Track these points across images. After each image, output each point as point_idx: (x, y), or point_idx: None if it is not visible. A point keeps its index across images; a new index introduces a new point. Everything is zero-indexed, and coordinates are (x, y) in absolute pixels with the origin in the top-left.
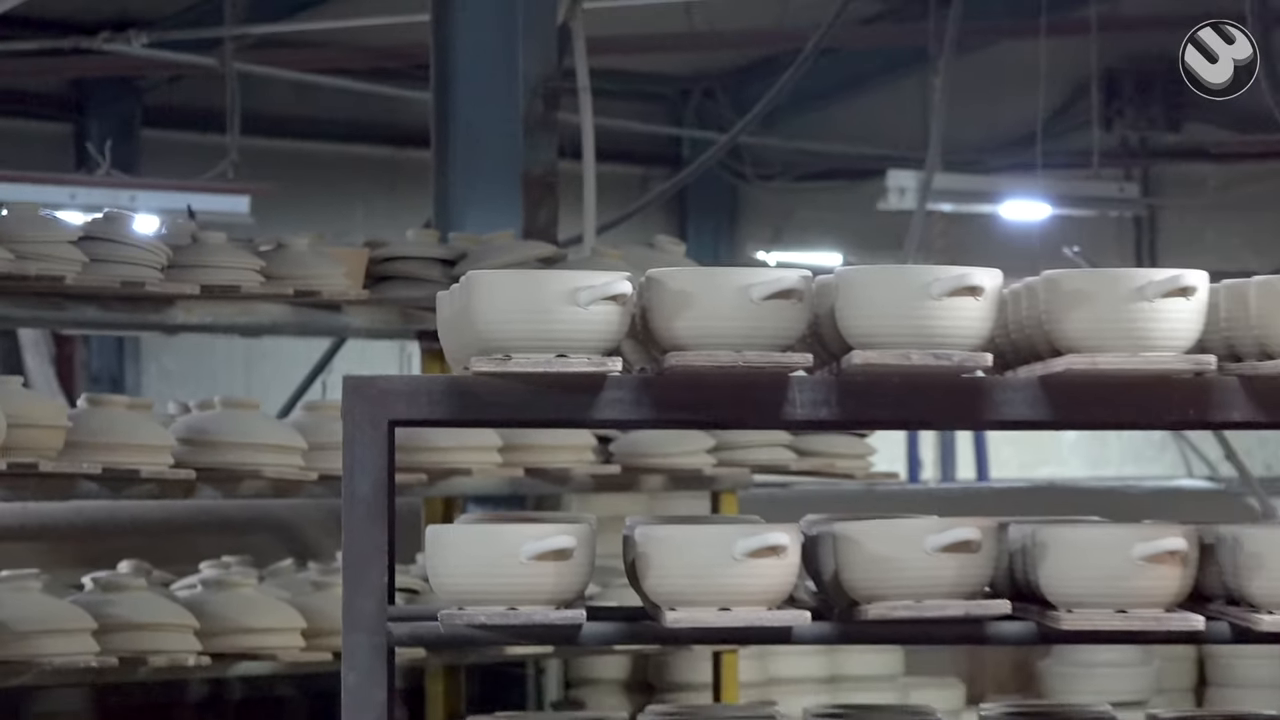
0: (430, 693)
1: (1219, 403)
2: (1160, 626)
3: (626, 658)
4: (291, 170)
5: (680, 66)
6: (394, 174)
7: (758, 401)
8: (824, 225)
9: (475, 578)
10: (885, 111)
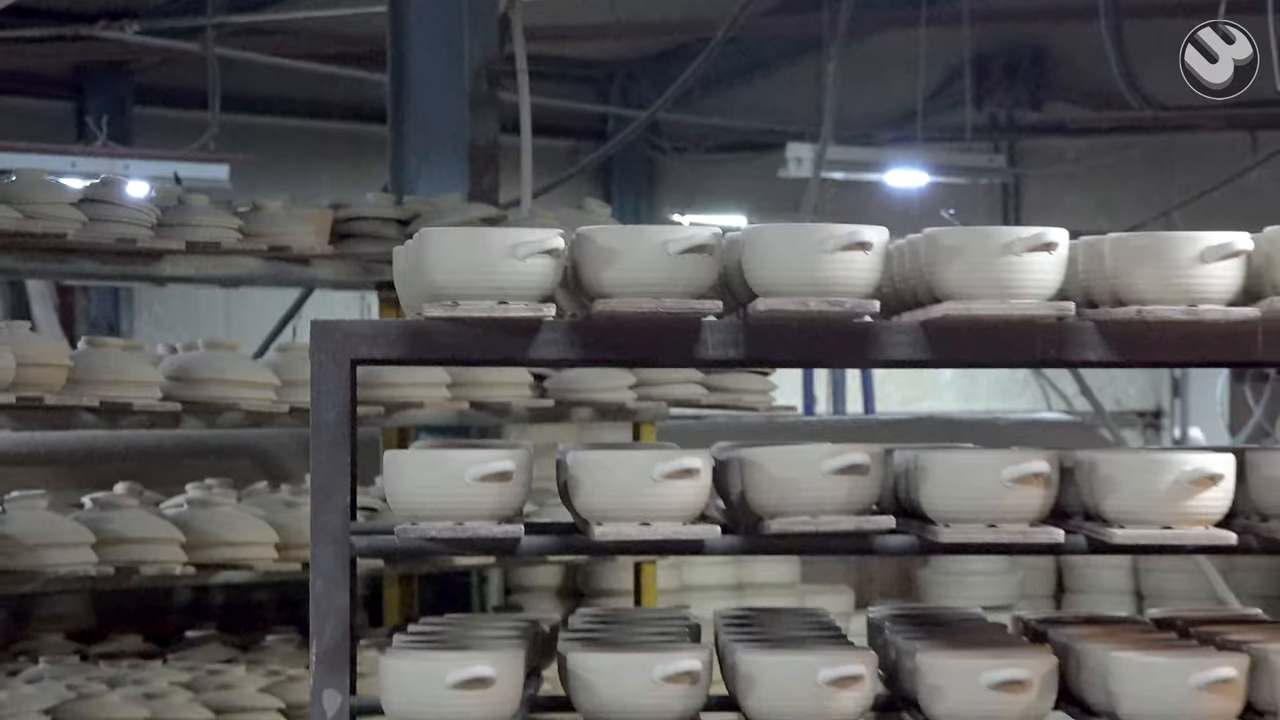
0: (387, 598)
1: (1076, 344)
2: (1025, 539)
3: (559, 567)
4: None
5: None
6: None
7: (673, 343)
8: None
9: (427, 497)
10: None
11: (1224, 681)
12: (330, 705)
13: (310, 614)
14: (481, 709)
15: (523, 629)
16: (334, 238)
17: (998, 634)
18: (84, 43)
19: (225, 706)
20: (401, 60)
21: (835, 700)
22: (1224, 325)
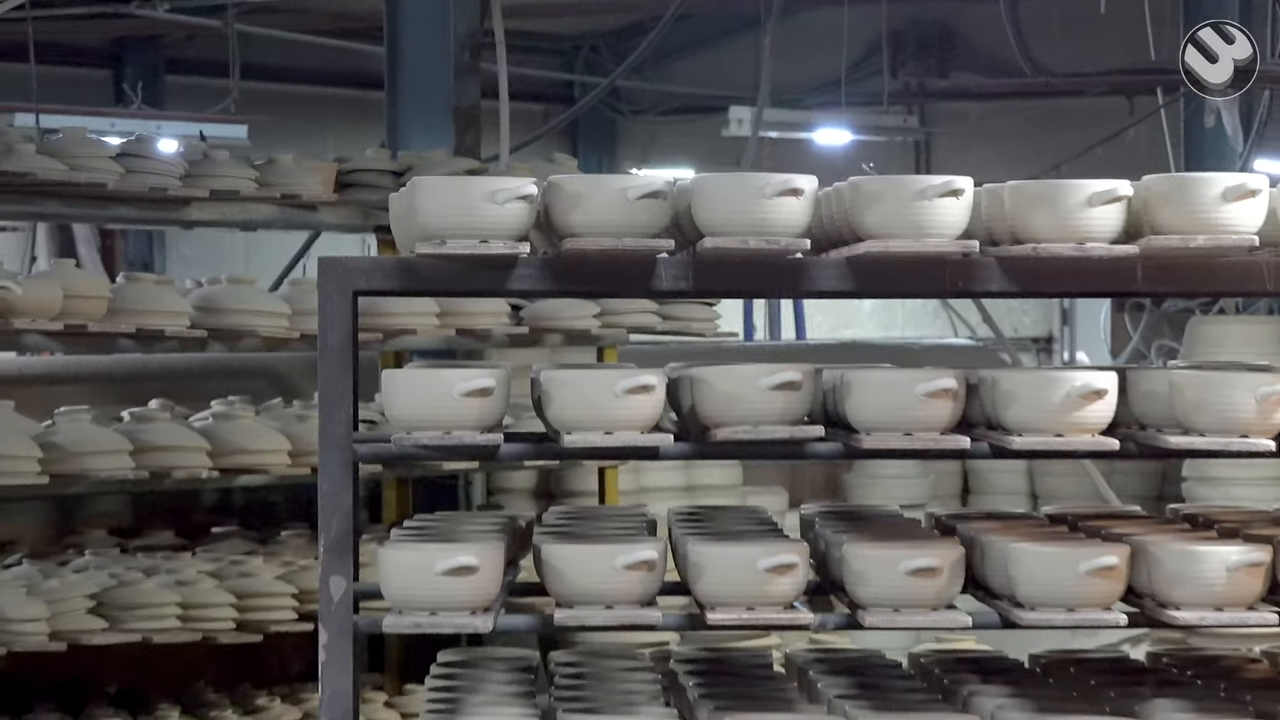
0: (385, 499)
1: (980, 277)
2: (936, 445)
3: (534, 472)
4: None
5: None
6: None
7: (632, 277)
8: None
9: (419, 410)
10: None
11: (1108, 568)
12: (336, 590)
13: (319, 512)
14: (467, 593)
15: (502, 524)
16: (338, 187)
17: (912, 528)
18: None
19: (245, 592)
20: (396, 35)
21: (773, 585)
22: (1107, 261)
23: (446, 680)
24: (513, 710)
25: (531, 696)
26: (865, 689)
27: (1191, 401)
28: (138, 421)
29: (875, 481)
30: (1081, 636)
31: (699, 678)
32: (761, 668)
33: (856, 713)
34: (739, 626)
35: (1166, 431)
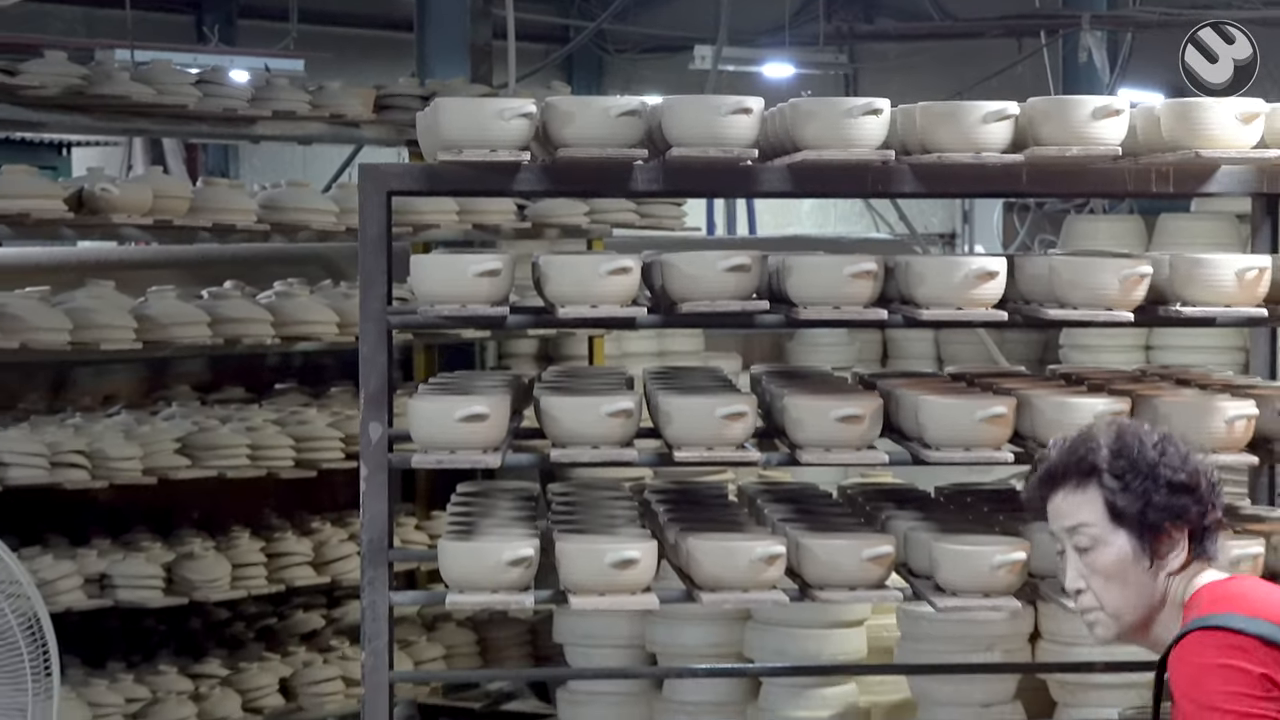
0: (414, 361)
1: (896, 181)
2: (861, 316)
3: (535, 340)
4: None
5: None
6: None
7: (614, 180)
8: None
9: (441, 288)
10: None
11: (998, 416)
12: (374, 433)
13: (360, 371)
14: (479, 437)
15: (509, 381)
16: (376, 109)
17: (841, 384)
18: None
19: (302, 436)
20: None
21: (728, 429)
22: (999, 168)
23: (464, 507)
24: (517, 531)
25: (533, 520)
26: (803, 514)
27: (1067, 281)
28: (214, 298)
29: (812, 348)
30: (977, 472)
31: (668, 505)
32: (719, 497)
33: (796, 533)
34: (700, 463)
35: (1046, 306)
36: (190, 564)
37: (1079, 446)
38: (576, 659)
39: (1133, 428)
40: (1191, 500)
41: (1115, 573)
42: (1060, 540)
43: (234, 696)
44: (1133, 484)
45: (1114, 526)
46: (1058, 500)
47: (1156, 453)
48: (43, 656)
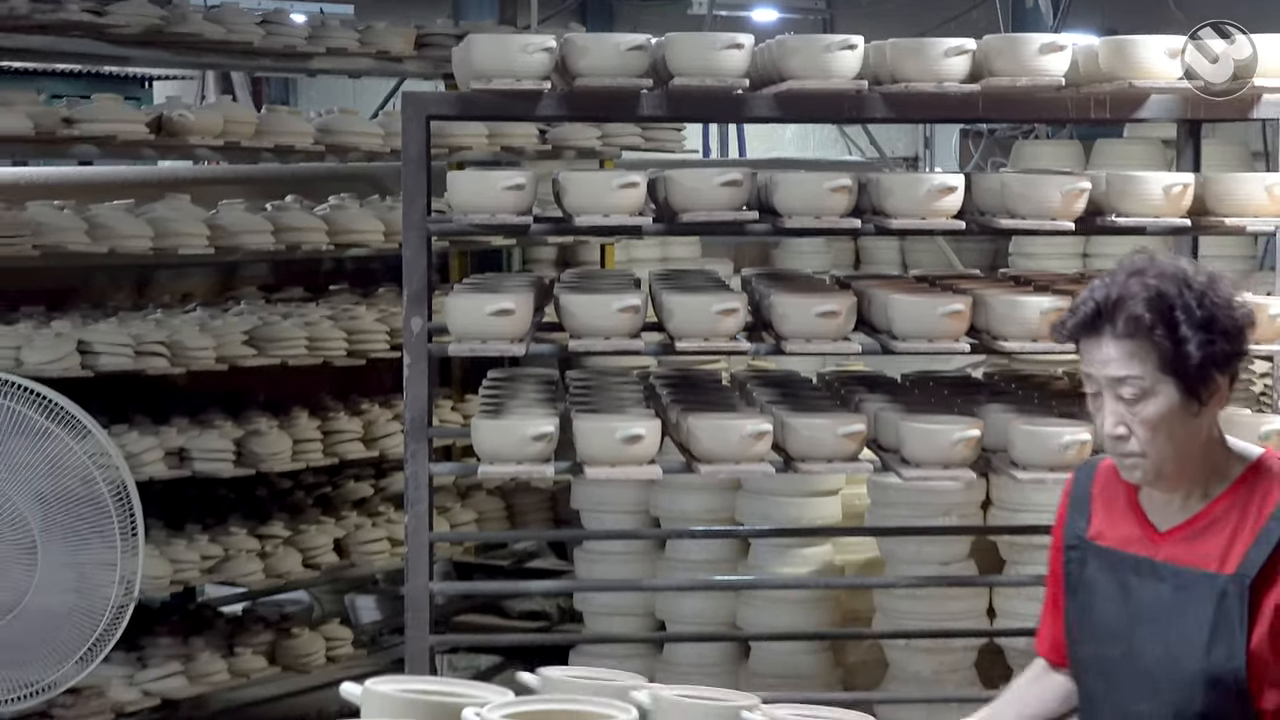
0: (451, 265)
1: (869, 108)
2: (838, 225)
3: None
4: None
5: None
6: None
7: (623, 106)
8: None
9: (473, 200)
10: None
11: (957, 312)
12: (416, 327)
13: (403, 273)
14: (507, 329)
15: (532, 282)
16: (417, 46)
17: (820, 285)
18: None
19: (353, 329)
20: None
21: (722, 323)
22: (957, 97)
23: (493, 390)
24: (540, 411)
25: (553, 402)
26: (787, 397)
27: (1016, 195)
28: (277, 210)
29: (795, 254)
30: (938, 361)
31: (670, 389)
32: (714, 382)
33: (780, 413)
34: (698, 353)
35: (998, 217)
36: (257, 440)
37: (1130, 293)
38: (591, 522)
39: (1183, 274)
40: (1238, 345)
41: (1162, 423)
42: (1095, 383)
43: (295, 554)
44: (1187, 336)
45: (1163, 376)
46: (1104, 347)
47: (1209, 301)
48: (129, 519)
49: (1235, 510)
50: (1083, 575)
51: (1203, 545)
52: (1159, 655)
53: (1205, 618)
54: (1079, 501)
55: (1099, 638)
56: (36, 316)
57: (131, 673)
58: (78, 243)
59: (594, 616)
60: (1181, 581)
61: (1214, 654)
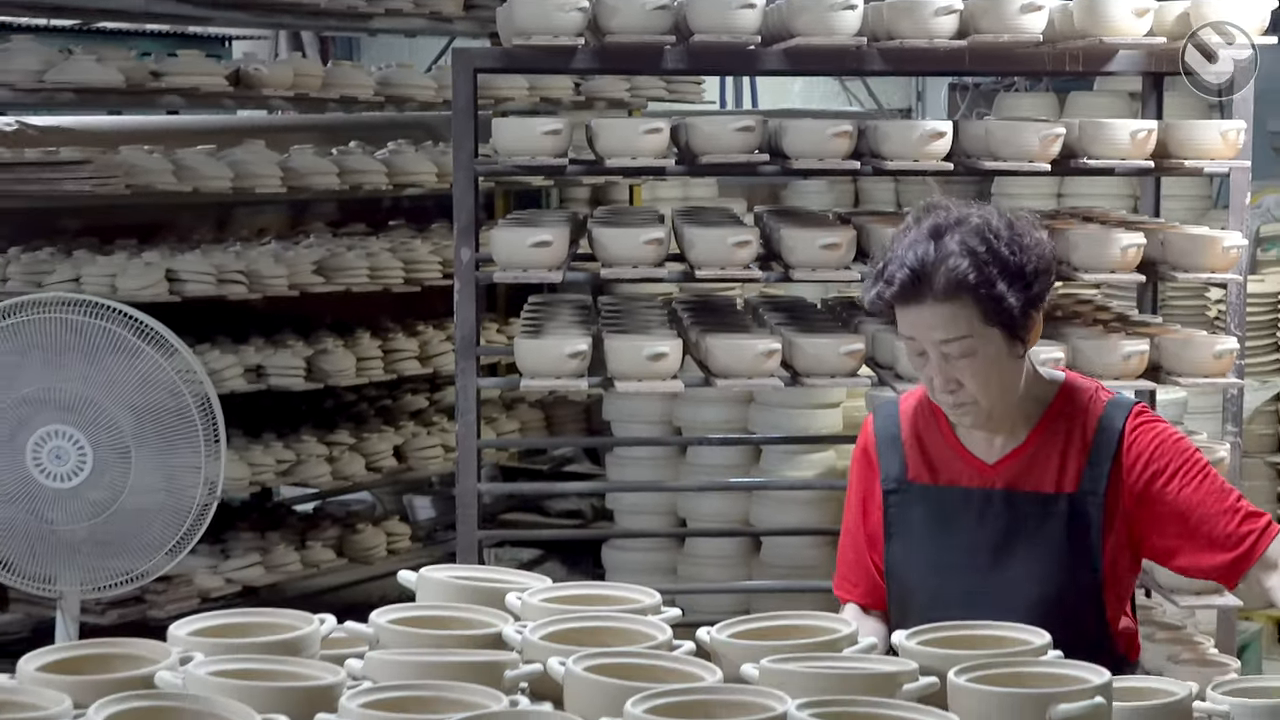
0: (496, 203)
1: (868, 62)
2: (840, 166)
3: (588, 187)
4: None
5: None
6: None
7: (648, 60)
8: None
9: (515, 145)
10: None
11: None
12: (465, 257)
13: (454, 209)
14: (546, 259)
15: (568, 217)
16: (466, 7)
17: (825, 219)
18: None
19: (410, 260)
20: None
21: (737, 254)
22: (946, 52)
23: (534, 314)
24: (575, 332)
25: (586, 324)
26: (794, 319)
27: (999, 140)
28: (341, 155)
29: (801, 194)
30: None
31: (690, 312)
32: (729, 307)
33: (788, 334)
34: (715, 280)
35: (983, 160)
36: (324, 357)
37: (944, 255)
38: (620, 431)
39: (986, 225)
40: (1049, 281)
41: (992, 371)
42: (918, 344)
43: (359, 459)
44: (1004, 287)
45: (987, 329)
46: (925, 312)
47: (1018, 247)
48: (212, 428)
49: (1059, 432)
50: (908, 517)
51: (1036, 469)
52: (1012, 582)
53: (1058, 538)
54: (888, 445)
55: (939, 577)
56: (129, 248)
57: (215, 563)
58: (165, 183)
59: (623, 514)
60: (1025, 506)
61: (1070, 575)
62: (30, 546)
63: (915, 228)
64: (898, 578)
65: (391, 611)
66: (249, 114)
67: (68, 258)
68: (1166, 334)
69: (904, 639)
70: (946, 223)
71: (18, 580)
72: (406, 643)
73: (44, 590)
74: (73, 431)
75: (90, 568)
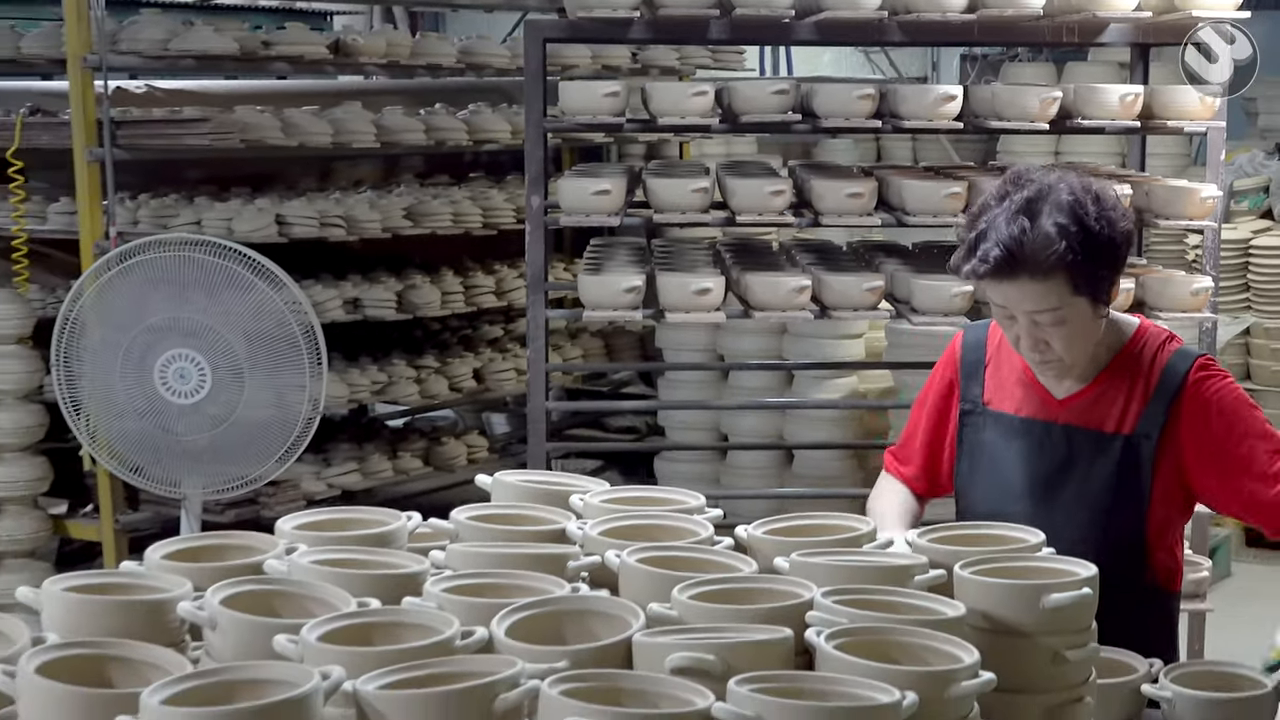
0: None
1: (889, 33)
2: (864, 125)
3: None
4: None
5: None
6: None
7: (696, 33)
8: None
9: (579, 105)
10: None
11: (956, 193)
12: (535, 204)
13: (525, 163)
14: (605, 205)
15: (626, 169)
16: None
17: (850, 172)
18: None
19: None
20: None
21: (773, 201)
22: (959, 24)
23: (595, 254)
24: (631, 269)
25: (641, 263)
26: (823, 260)
27: (1004, 101)
28: (428, 115)
29: (830, 150)
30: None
31: (732, 253)
32: (766, 248)
33: (818, 272)
34: (754, 224)
35: (989, 120)
36: (413, 291)
37: (1040, 237)
38: (670, 357)
39: (1075, 201)
40: (1129, 246)
41: (1078, 333)
42: (1006, 310)
43: (443, 380)
44: (1093, 261)
45: (1076, 299)
46: (1017, 288)
47: (1105, 219)
48: (316, 352)
49: (1125, 376)
50: (979, 439)
51: (1099, 410)
52: (1062, 510)
53: (1108, 475)
54: (972, 368)
55: (999, 498)
56: (243, 195)
57: (318, 470)
58: (274, 138)
59: (673, 430)
60: (1084, 443)
61: (1117, 509)
62: (158, 455)
63: (1009, 200)
64: (963, 494)
65: (470, 510)
66: (347, 79)
67: (190, 204)
68: (1150, 273)
69: (915, 537)
70: (1039, 197)
71: (148, 483)
72: (482, 537)
73: (170, 492)
74: (195, 355)
75: (210, 473)
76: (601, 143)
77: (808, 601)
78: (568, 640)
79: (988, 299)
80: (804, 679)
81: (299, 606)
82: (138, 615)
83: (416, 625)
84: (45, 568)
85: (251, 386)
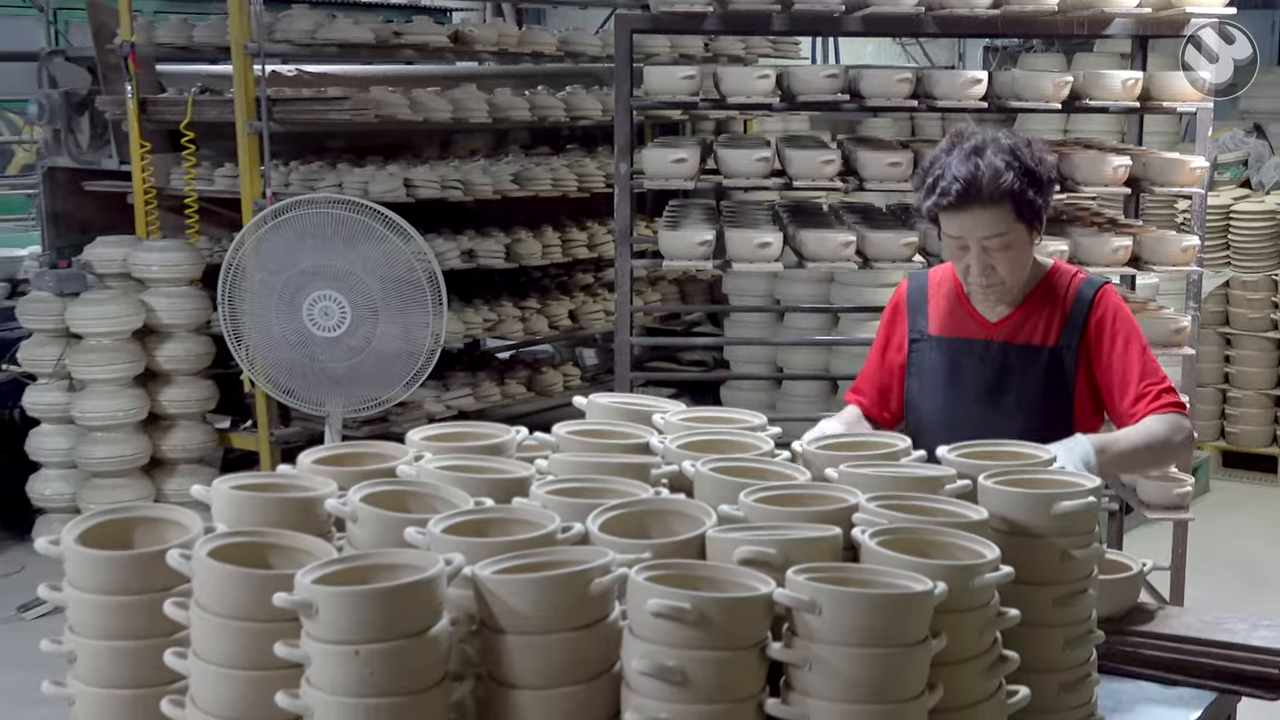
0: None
1: (924, 26)
2: (903, 104)
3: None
4: None
5: None
6: None
7: (760, 24)
8: None
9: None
10: None
11: None
12: (622, 170)
13: (614, 135)
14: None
15: (699, 141)
16: None
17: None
18: None
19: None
20: None
21: (825, 169)
22: (984, 19)
23: (673, 213)
24: (704, 226)
25: (712, 221)
26: (866, 219)
27: (1023, 85)
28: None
29: (873, 128)
30: None
31: (789, 213)
32: (818, 209)
33: (861, 229)
34: (808, 188)
35: (1009, 101)
36: (519, 244)
37: (992, 168)
38: (735, 301)
39: (1013, 145)
40: (1054, 187)
41: (1018, 257)
42: (961, 242)
43: (543, 319)
44: (1033, 192)
45: (1018, 224)
46: (971, 216)
47: (1037, 160)
48: (437, 294)
49: (1045, 301)
50: (925, 362)
51: (1027, 328)
52: (1005, 413)
53: (1039, 380)
54: (917, 305)
55: (951, 407)
56: (377, 163)
57: (439, 394)
58: (403, 115)
59: (736, 363)
60: (1017, 355)
61: (1049, 409)
62: (306, 380)
63: (958, 148)
64: (916, 409)
65: (568, 425)
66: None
67: (333, 169)
68: (1145, 233)
69: (946, 452)
70: (983, 144)
71: (297, 403)
72: (578, 448)
73: (316, 410)
74: (337, 295)
75: (349, 395)
76: (678, 119)
77: (854, 505)
78: (651, 535)
79: (942, 235)
80: (851, 570)
81: (425, 504)
82: (291, 510)
83: (524, 521)
84: (212, 472)
85: (384, 323)
